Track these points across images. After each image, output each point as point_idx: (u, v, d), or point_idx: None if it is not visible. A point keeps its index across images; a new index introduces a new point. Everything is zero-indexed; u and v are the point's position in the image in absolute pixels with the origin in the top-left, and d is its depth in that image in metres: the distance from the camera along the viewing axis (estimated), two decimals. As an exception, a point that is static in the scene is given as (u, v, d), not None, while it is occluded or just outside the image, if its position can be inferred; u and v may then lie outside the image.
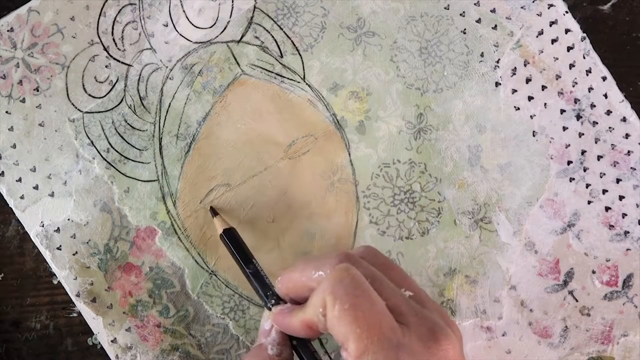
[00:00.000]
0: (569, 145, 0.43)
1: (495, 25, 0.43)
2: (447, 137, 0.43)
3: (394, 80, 0.43)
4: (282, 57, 0.43)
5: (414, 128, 0.43)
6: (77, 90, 0.43)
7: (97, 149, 0.42)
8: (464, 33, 0.43)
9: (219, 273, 0.42)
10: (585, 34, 0.44)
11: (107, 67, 0.43)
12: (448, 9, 0.44)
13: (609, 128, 0.43)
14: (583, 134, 0.43)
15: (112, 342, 0.42)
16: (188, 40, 0.43)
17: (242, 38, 0.43)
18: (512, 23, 0.43)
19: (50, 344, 0.42)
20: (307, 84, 0.43)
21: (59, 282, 0.42)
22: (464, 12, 0.44)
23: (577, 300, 0.43)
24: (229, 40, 0.43)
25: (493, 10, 0.43)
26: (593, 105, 0.43)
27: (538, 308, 0.42)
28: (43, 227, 0.42)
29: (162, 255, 0.42)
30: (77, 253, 0.42)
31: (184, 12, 0.43)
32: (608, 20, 0.44)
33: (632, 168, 0.43)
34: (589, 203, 0.43)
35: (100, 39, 0.43)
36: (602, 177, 0.43)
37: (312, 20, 0.43)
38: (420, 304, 0.31)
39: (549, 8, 0.44)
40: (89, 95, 0.43)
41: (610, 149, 0.43)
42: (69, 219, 0.42)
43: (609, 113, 0.43)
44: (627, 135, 0.43)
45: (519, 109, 0.43)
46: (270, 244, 0.42)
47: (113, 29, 0.43)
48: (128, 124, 0.43)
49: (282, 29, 0.43)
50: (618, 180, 0.43)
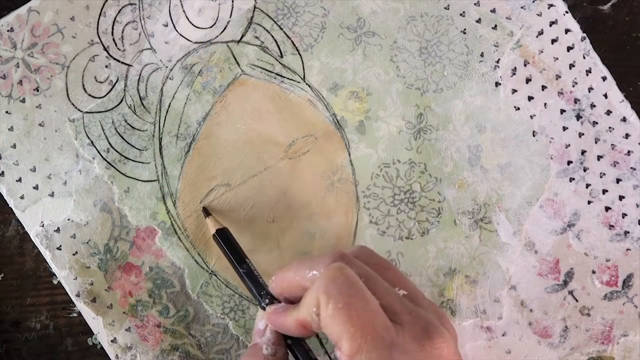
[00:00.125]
0: (569, 145, 0.43)
1: (495, 25, 0.43)
2: (447, 137, 0.43)
3: (394, 80, 0.43)
4: (282, 57, 0.43)
5: (414, 128, 0.43)
6: (77, 90, 0.43)
7: (97, 149, 0.42)
8: (464, 33, 0.43)
9: (219, 273, 0.42)
10: (585, 34, 0.44)
11: (107, 67, 0.43)
12: (448, 9, 0.44)
13: (609, 128, 0.43)
14: (583, 134, 0.43)
15: (112, 342, 0.42)
16: (188, 40, 0.43)
17: (242, 38, 0.43)
18: (512, 23, 0.43)
19: (50, 344, 0.42)
20: (307, 84, 0.43)
21: (59, 282, 0.42)
22: (464, 12, 0.44)
23: (577, 300, 0.43)
24: (229, 40, 0.43)
25: (493, 10, 0.43)
26: (593, 105, 0.43)
27: (538, 308, 0.42)
28: (43, 227, 0.42)
29: (162, 255, 0.42)
30: (77, 253, 0.42)
31: (184, 12, 0.43)
32: (608, 20, 0.44)
33: (632, 168, 0.43)
34: (589, 203, 0.43)
35: (100, 39, 0.43)
36: (602, 177, 0.43)
37: (312, 20, 0.43)
38: (415, 303, 0.31)
39: (549, 8, 0.44)
40: (89, 95, 0.43)
41: (610, 149, 0.43)
42: (69, 219, 0.42)
43: (609, 113, 0.43)
44: (627, 135, 0.43)
45: (519, 109, 0.43)
46: (270, 244, 0.42)
47: (113, 29, 0.43)
48: (128, 124, 0.43)
49: (282, 29, 0.43)
50: (618, 180, 0.43)
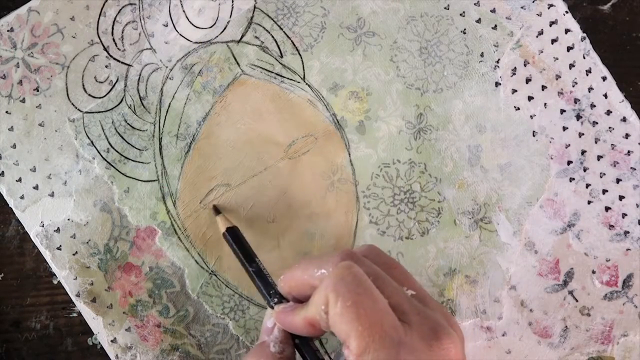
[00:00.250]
0: (569, 145, 0.43)
1: (495, 25, 0.43)
2: (447, 137, 0.43)
3: (394, 80, 0.43)
4: (282, 57, 0.43)
5: (414, 128, 0.43)
6: (77, 90, 0.43)
7: (97, 149, 0.42)
8: (464, 33, 0.43)
9: (219, 273, 0.42)
10: (585, 34, 0.44)
11: (107, 67, 0.43)
12: (448, 9, 0.44)
13: (609, 128, 0.43)
14: (583, 134, 0.43)
15: (112, 342, 0.42)
16: (188, 40, 0.43)
17: (242, 38, 0.43)
18: (512, 23, 0.43)
19: (50, 344, 0.42)
20: (307, 84, 0.43)
21: (59, 282, 0.42)
22: (464, 12, 0.44)
23: (577, 300, 0.43)
24: (229, 40, 0.43)
25: (493, 10, 0.43)
26: (593, 105, 0.43)
27: (538, 308, 0.42)
28: (43, 227, 0.42)
29: (162, 255, 0.42)
30: (77, 253, 0.42)
31: (184, 12, 0.43)
32: (608, 20, 0.44)
33: (632, 168, 0.43)
34: (589, 203, 0.43)
35: (100, 39, 0.43)
36: (602, 177, 0.43)
37: (312, 20, 0.43)
38: (423, 303, 0.31)
39: (549, 8, 0.44)
40: (89, 95, 0.43)
41: (610, 149, 0.43)
42: (69, 219, 0.42)
43: (609, 113, 0.43)
44: (627, 135, 0.43)
45: (519, 109, 0.43)
46: (271, 244, 0.42)
47: (113, 29, 0.43)
48: (128, 124, 0.43)
49: (282, 29, 0.43)
50: (618, 180, 0.43)
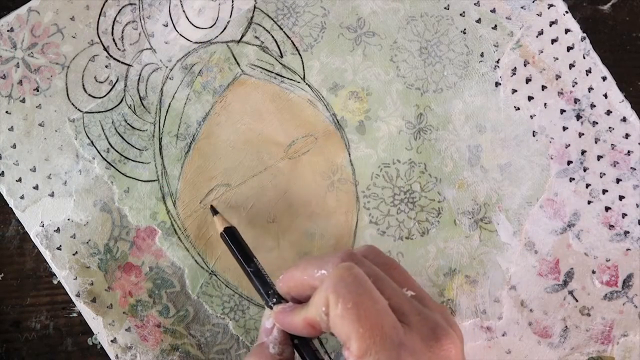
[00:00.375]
0: (569, 145, 0.43)
1: (495, 25, 0.43)
2: (447, 137, 0.43)
3: (394, 80, 0.43)
4: (282, 57, 0.43)
5: (414, 128, 0.43)
6: (77, 90, 0.43)
7: (97, 149, 0.42)
8: (464, 33, 0.43)
9: (219, 273, 0.42)
10: (585, 34, 0.44)
11: (107, 67, 0.43)
12: (448, 9, 0.44)
13: (609, 128, 0.43)
14: (583, 134, 0.43)
15: (112, 342, 0.42)
16: (188, 40, 0.43)
17: (242, 38, 0.43)
18: (512, 23, 0.43)
19: (50, 344, 0.42)
20: (307, 84, 0.43)
21: (59, 282, 0.42)
22: (464, 12, 0.44)
23: (577, 300, 0.43)
24: (229, 40, 0.43)
25: (493, 10, 0.43)
26: (593, 105, 0.43)
27: (538, 308, 0.42)
28: (43, 227, 0.42)
29: (162, 255, 0.42)
30: (77, 253, 0.42)
31: (184, 12, 0.43)
32: (608, 20, 0.44)
33: (632, 168, 0.43)
34: (589, 203, 0.43)
35: (100, 39, 0.43)
36: (602, 177, 0.43)
37: (312, 20, 0.43)
38: (422, 304, 0.31)
39: (549, 8, 0.44)
40: (89, 95, 0.43)
41: (610, 149, 0.43)
42: (69, 219, 0.42)
43: (609, 113, 0.43)
44: (627, 135, 0.43)
45: (519, 109, 0.43)
46: (270, 244, 0.42)
47: (113, 29, 0.43)
48: (128, 124, 0.43)
49: (282, 29, 0.43)
50: (618, 180, 0.43)
